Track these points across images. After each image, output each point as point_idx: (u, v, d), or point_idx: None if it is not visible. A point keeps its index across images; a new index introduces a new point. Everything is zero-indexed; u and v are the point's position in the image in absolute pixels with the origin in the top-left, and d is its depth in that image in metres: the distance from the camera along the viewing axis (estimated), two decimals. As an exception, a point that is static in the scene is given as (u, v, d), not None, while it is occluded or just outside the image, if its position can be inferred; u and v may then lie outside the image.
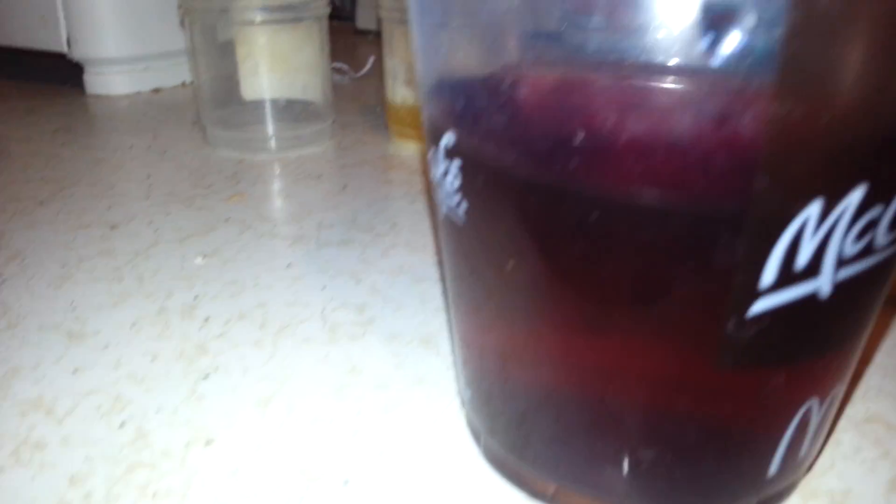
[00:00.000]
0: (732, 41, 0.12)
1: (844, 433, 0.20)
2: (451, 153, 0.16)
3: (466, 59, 0.16)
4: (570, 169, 0.14)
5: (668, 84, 0.13)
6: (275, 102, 0.46)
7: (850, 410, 0.21)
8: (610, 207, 0.13)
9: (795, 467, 0.17)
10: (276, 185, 0.41)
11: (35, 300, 0.28)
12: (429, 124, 0.17)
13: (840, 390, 0.16)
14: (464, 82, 0.16)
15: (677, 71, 0.13)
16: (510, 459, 0.18)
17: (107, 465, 0.20)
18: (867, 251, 0.14)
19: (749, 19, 0.12)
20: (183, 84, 0.63)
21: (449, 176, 0.17)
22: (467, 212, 0.16)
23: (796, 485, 0.18)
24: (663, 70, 0.13)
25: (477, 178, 0.16)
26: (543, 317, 0.16)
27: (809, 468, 0.19)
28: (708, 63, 0.12)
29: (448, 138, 0.16)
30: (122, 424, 0.21)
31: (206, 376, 0.23)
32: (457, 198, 0.17)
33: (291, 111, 0.46)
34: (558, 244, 0.14)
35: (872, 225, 0.14)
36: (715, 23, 0.12)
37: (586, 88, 0.14)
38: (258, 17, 0.43)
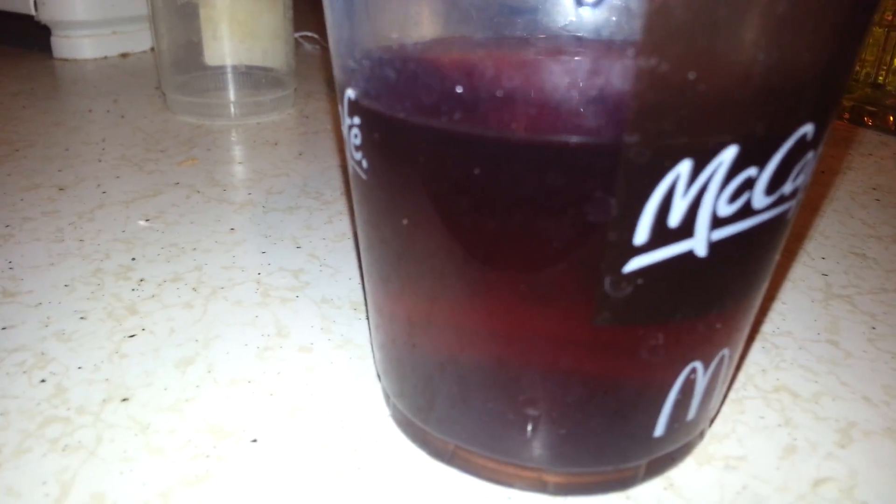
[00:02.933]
0: (598, -4, 0.12)
1: (751, 401, 0.20)
2: (353, 109, 0.16)
3: (361, 21, 0.15)
4: (453, 122, 0.14)
5: (540, 38, 0.13)
6: (235, 68, 0.45)
7: (760, 380, 0.21)
8: (491, 159, 0.14)
9: (684, 429, 0.17)
10: (231, 151, 0.40)
11: (-28, 259, 0.28)
12: (336, 81, 0.17)
13: (729, 354, 0.17)
14: (358, 41, 0.15)
15: (548, 25, 0.13)
16: (415, 421, 0.18)
17: (22, 418, 0.20)
18: (744, 213, 0.14)
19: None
20: (151, 49, 0.62)
21: (353, 131, 0.17)
22: (368, 169, 0.16)
23: (692, 448, 0.18)
24: (535, 25, 0.13)
25: (374, 134, 0.16)
26: (440, 273, 0.16)
27: (704, 432, 0.19)
28: (577, 16, 0.12)
29: (349, 94, 0.16)
30: (43, 381, 0.21)
31: (132, 336, 0.23)
32: (359, 154, 0.17)
33: (252, 78, 0.46)
34: (446, 201, 0.15)
35: (748, 186, 0.14)
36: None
37: (466, 45, 0.14)
38: (219, -19, 0.43)
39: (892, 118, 0.43)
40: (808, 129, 0.14)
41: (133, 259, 0.28)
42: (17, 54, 0.61)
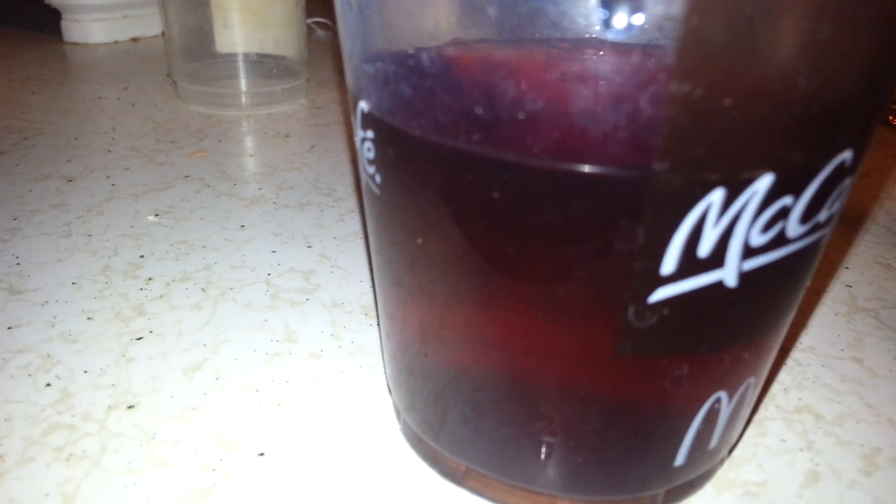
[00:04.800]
0: (631, 16, 0.11)
1: (772, 422, 0.20)
2: (366, 122, 0.16)
3: (374, 30, 0.15)
4: (471, 143, 0.13)
5: (566, 53, 0.12)
6: (247, 57, 0.44)
7: (782, 399, 0.21)
8: (512, 184, 0.13)
9: (705, 458, 0.16)
10: (243, 143, 0.40)
11: (-21, 254, 0.28)
12: (349, 91, 0.17)
13: (755, 383, 0.16)
14: (372, 51, 0.15)
15: (577, 45, 0.12)
16: (425, 438, 0.18)
17: (26, 425, 0.19)
18: (778, 242, 0.13)
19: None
20: (162, 33, 0.61)
21: (365, 144, 0.16)
22: (381, 183, 0.16)
23: (712, 475, 0.18)
24: (563, 44, 0.13)
25: (387, 148, 0.15)
26: (454, 294, 0.15)
27: (726, 457, 0.18)
28: (607, 38, 0.12)
29: (362, 106, 0.15)
30: (47, 384, 0.21)
31: (140, 339, 0.23)
32: (372, 168, 0.16)
33: (263, 67, 0.45)
34: (463, 224, 0.14)
35: (782, 215, 0.13)
36: (613, -4, 0.11)
37: (486, 59, 0.13)
38: (231, -32, 0.42)
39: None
40: (846, 155, 0.13)
41: (142, 256, 0.28)
42: (28, 37, 0.60)
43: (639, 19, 0.11)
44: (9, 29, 0.63)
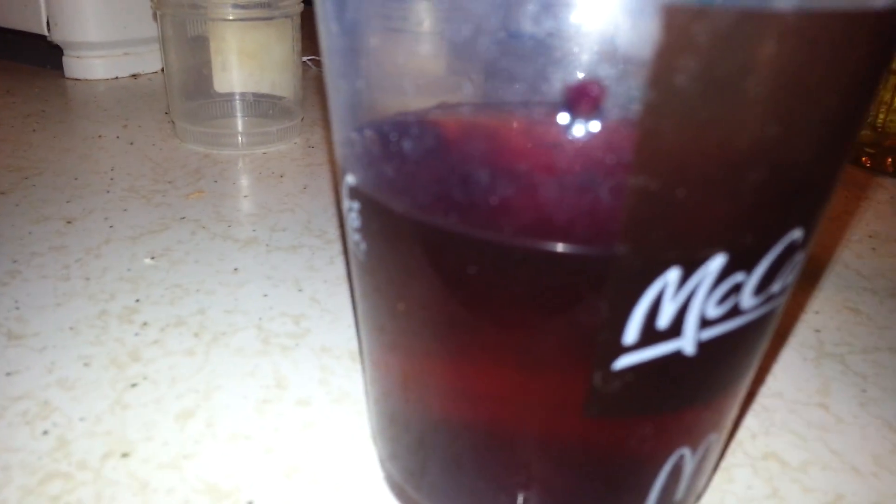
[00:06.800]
0: (593, 117, 0.12)
1: (740, 469, 0.21)
2: (352, 194, 0.17)
3: (362, 110, 0.16)
4: (450, 222, 0.14)
5: (538, 149, 0.13)
6: (244, 97, 0.46)
7: (749, 446, 0.22)
8: (486, 260, 0.14)
9: (672, 510, 0.17)
10: (238, 183, 0.41)
11: (-20, 297, 0.29)
12: (337, 162, 0.18)
13: (718, 438, 0.17)
14: (360, 131, 0.16)
15: (544, 140, 0.13)
16: (407, 487, 0.19)
17: (24, 474, 0.20)
18: (733, 313, 0.14)
19: (608, 96, 0.12)
20: (161, 70, 0.63)
21: (351, 214, 0.17)
22: (366, 252, 0.17)
23: (679, 524, 0.18)
24: (533, 134, 0.14)
25: (372, 220, 0.16)
26: (433, 357, 0.16)
27: (698, 505, 0.19)
28: (572, 135, 0.13)
29: (349, 179, 0.16)
30: (45, 432, 0.22)
31: (134, 385, 0.24)
32: (357, 235, 0.17)
33: (260, 107, 0.46)
34: (441, 295, 0.15)
35: (736, 290, 0.14)
36: (576, 99, 0.12)
37: (466, 148, 0.14)
38: (230, 15, 0.43)
39: (890, 160, 0.43)
40: (796, 234, 0.14)
41: (137, 300, 0.29)
42: (31, 72, 0.62)
43: (596, 126, 0.13)
44: (12, 63, 0.64)
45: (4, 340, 0.26)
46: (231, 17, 0.43)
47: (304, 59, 0.59)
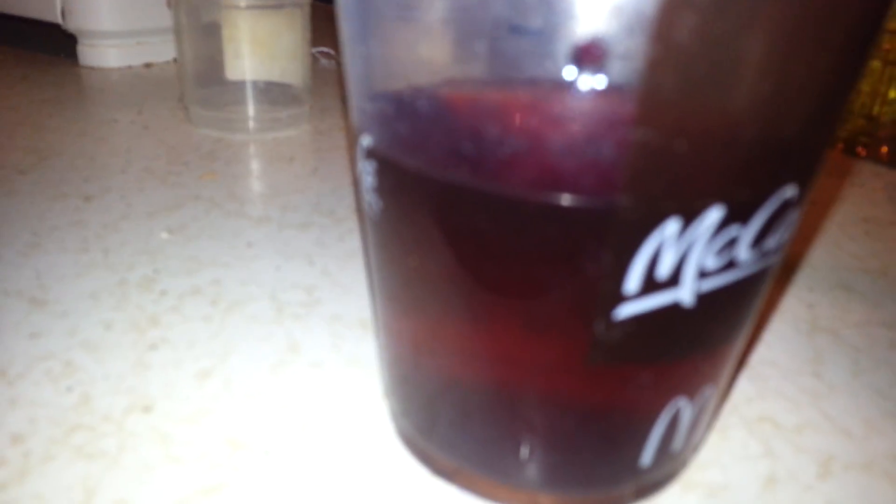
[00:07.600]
0: (597, 72, 0.13)
1: (736, 430, 0.22)
2: (367, 155, 0.17)
3: (377, 75, 0.17)
4: (461, 177, 0.15)
5: (545, 105, 0.14)
6: (255, 84, 0.47)
7: (745, 409, 0.22)
8: (495, 213, 0.15)
9: (670, 459, 0.18)
10: (249, 166, 0.42)
11: (3, 267, 0.29)
12: (353, 125, 0.19)
13: (714, 390, 0.18)
14: (376, 92, 0.17)
15: (553, 92, 0.14)
16: (418, 439, 0.20)
17: (49, 426, 0.21)
18: (729, 266, 0.15)
19: (612, 51, 0.13)
20: (174, 60, 0.64)
21: (367, 175, 0.18)
22: (381, 210, 0.18)
23: (675, 475, 0.19)
24: (539, 92, 0.15)
25: (386, 179, 0.17)
26: (444, 309, 0.17)
27: (689, 461, 0.20)
28: (578, 92, 0.14)
29: (365, 140, 0.17)
30: (69, 389, 0.23)
31: (154, 347, 0.25)
32: (371, 196, 0.18)
33: (270, 94, 0.47)
34: (453, 248, 0.16)
35: (732, 243, 0.15)
36: (581, 54, 0.13)
37: (476, 108, 0.15)
38: (242, 2, 0.44)
39: (885, 149, 0.44)
40: (791, 190, 0.15)
41: (155, 271, 0.30)
42: (45, 60, 0.63)
43: (601, 81, 0.13)
44: (27, 52, 0.65)
45: (27, 306, 0.27)
46: (243, 5, 0.44)
47: (314, 50, 0.60)
